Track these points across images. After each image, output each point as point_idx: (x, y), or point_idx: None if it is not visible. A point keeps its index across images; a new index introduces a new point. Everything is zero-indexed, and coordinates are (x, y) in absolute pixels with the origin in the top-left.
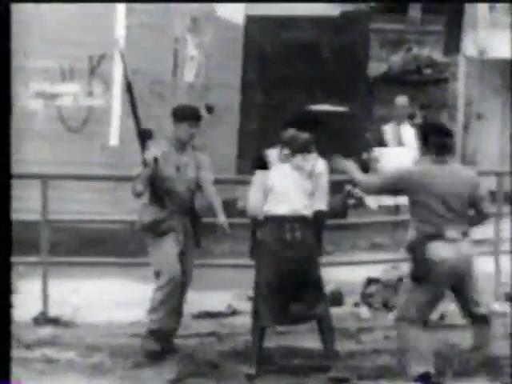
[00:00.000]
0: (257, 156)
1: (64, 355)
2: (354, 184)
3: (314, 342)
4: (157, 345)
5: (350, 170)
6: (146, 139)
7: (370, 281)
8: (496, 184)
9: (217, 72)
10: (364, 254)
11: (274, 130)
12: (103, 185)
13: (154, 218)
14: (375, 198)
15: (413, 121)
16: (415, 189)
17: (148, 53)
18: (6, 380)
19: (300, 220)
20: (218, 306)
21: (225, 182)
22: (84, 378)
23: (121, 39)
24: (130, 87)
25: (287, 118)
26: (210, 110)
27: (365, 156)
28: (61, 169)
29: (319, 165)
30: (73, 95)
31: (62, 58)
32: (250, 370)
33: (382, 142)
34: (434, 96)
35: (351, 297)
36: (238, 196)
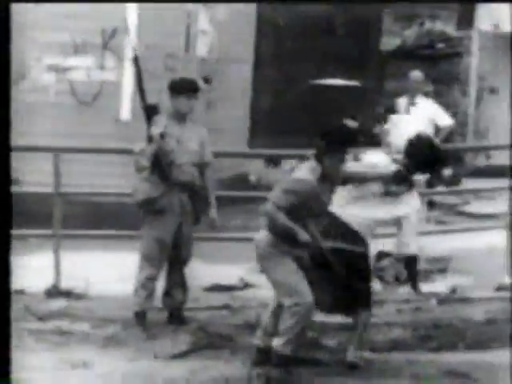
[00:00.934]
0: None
1: (77, 327)
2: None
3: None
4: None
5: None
6: (151, 114)
7: (382, 254)
8: (509, 157)
9: (230, 46)
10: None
11: (286, 103)
12: (115, 158)
13: (148, 195)
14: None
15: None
16: None
17: (161, 27)
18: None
19: None
20: (231, 280)
21: (237, 155)
22: (98, 349)
23: (133, 13)
24: (136, 61)
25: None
26: (207, 81)
27: (377, 130)
28: (73, 142)
29: None
30: (85, 69)
31: (74, 31)
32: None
33: (393, 116)
34: (446, 70)
35: None
36: (251, 170)
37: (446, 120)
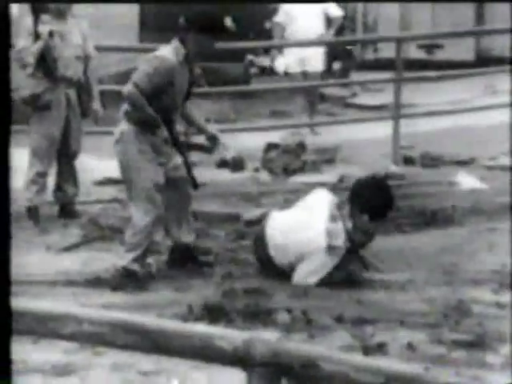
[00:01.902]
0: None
1: None
2: (256, 53)
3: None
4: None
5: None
6: (38, 12)
7: (270, 146)
8: (396, 50)
9: None
10: (265, 121)
11: None
12: None
13: (33, 91)
14: (283, 64)
15: None
16: None
17: None
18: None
19: None
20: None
21: (125, 50)
22: None
23: None
24: None
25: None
26: None
27: (268, 25)
28: None
29: None
30: None
31: None
32: None
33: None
34: None
35: (252, 162)
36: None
37: (337, 11)
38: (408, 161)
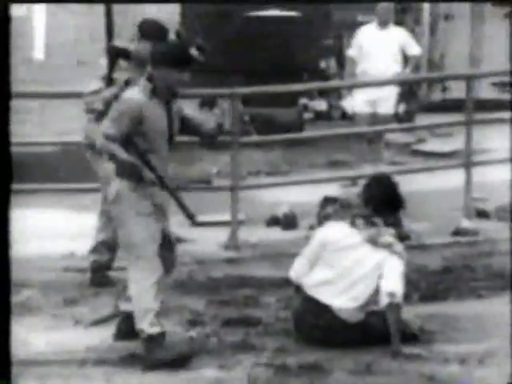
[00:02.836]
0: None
1: None
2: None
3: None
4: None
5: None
6: (117, 57)
7: (327, 200)
8: (466, 89)
9: None
10: (321, 172)
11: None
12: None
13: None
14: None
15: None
16: None
17: None
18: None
19: None
20: None
21: None
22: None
23: None
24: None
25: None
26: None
27: (323, 65)
28: None
29: None
30: None
31: None
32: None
33: (341, 49)
34: None
35: (307, 219)
36: None
37: (415, 49)
38: (482, 214)
